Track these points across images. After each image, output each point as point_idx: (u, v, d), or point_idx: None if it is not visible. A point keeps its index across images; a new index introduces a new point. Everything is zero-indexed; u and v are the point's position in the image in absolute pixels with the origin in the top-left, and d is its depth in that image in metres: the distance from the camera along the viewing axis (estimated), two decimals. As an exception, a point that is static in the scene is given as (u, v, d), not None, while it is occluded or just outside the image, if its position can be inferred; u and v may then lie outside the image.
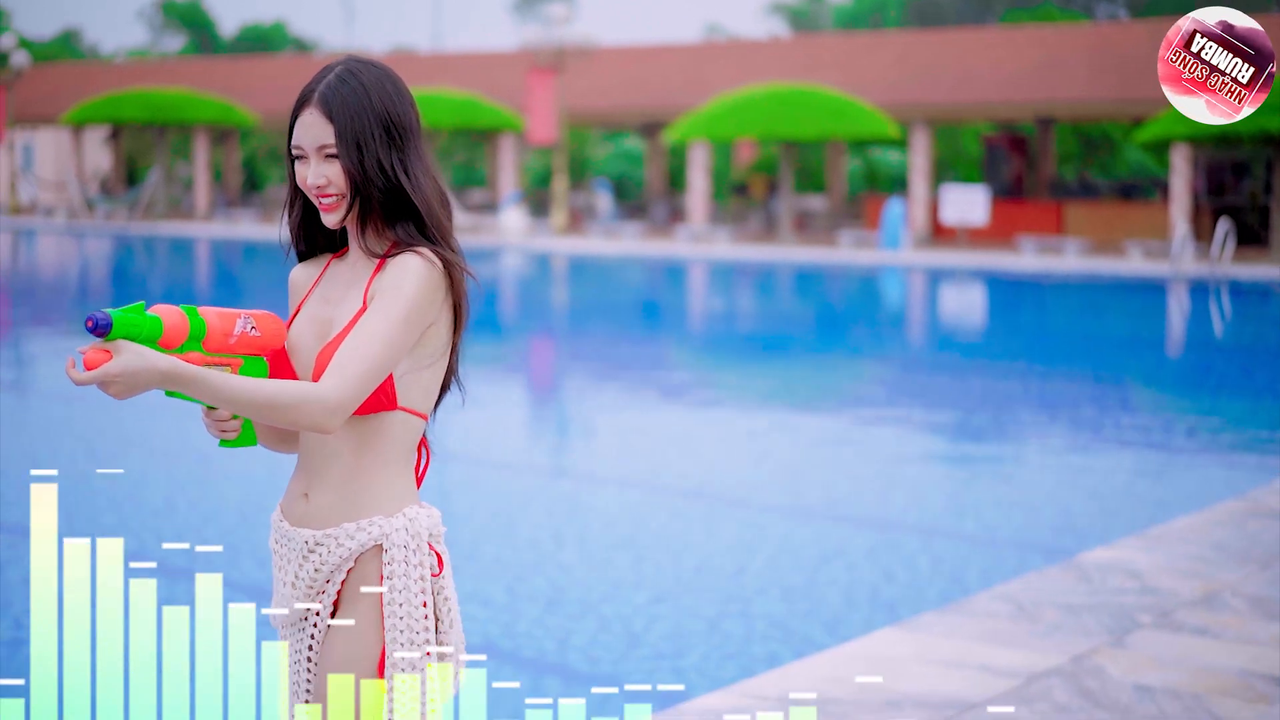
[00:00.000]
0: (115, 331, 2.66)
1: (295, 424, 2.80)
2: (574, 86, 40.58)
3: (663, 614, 7.39)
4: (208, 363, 2.86)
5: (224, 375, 2.75)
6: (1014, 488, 10.63)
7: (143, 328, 2.71)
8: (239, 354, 2.91)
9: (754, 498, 10.10)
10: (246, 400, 2.75)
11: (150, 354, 2.68)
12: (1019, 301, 26.55)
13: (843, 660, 5.68)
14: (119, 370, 2.65)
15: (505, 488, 10.51)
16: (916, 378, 16.87)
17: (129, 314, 2.70)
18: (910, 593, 7.80)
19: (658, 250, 34.20)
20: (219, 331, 2.86)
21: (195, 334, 2.82)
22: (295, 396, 2.78)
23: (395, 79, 3.01)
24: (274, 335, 2.97)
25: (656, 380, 16.42)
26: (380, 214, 2.98)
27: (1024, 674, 5.55)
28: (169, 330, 2.76)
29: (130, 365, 2.66)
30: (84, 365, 2.66)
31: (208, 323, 2.84)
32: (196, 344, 2.83)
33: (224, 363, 2.89)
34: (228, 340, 2.87)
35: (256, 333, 2.92)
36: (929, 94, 37.27)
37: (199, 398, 2.74)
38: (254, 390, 2.76)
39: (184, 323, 2.79)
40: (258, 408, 2.76)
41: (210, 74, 51.60)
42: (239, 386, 2.75)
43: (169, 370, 2.69)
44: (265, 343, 2.95)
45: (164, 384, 2.70)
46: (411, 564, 2.95)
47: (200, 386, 2.72)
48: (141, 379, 2.66)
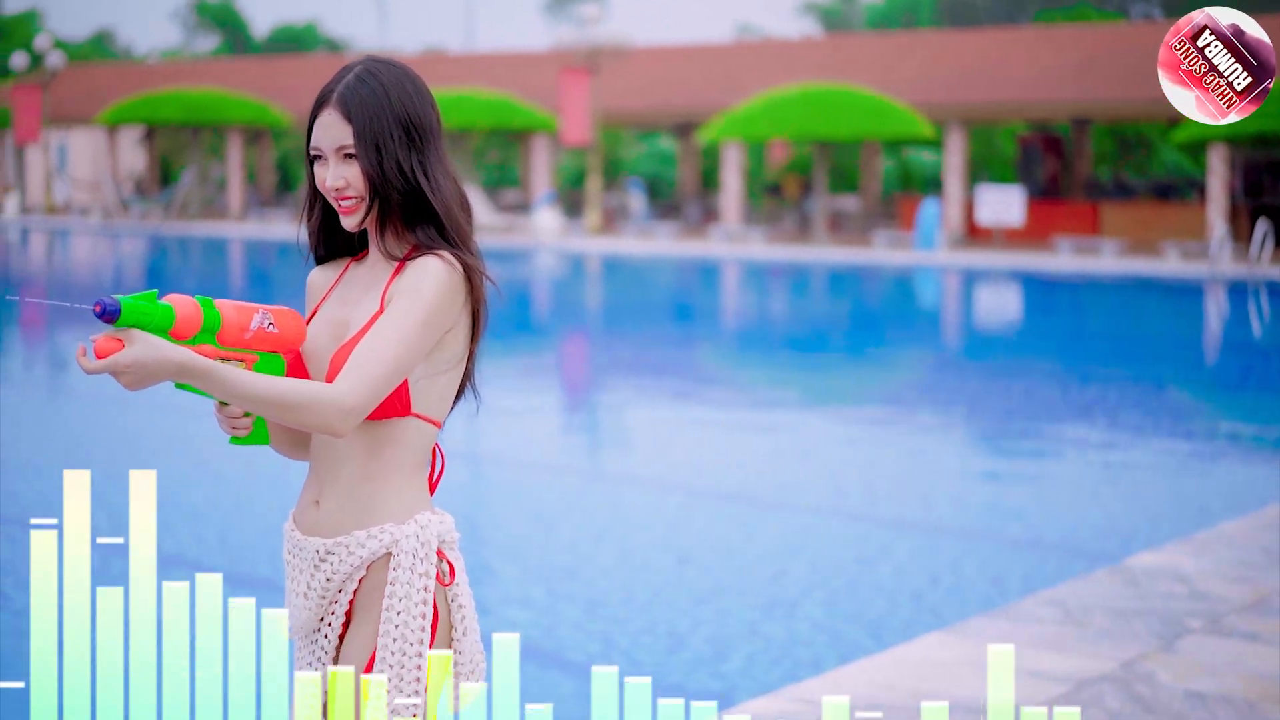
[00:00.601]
0: (124, 319, 2.59)
1: (307, 425, 2.74)
2: (607, 87, 40.55)
3: (705, 617, 7.35)
4: (220, 357, 2.77)
5: (237, 371, 2.69)
6: (1056, 491, 10.55)
7: (154, 316, 2.63)
8: (254, 350, 2.83)
9: (795, 500, 10.05)
10: (259, 398, 2.69)
11: (164, 345, 2.62)
12: (1056, 302, 26.43)
13: (891, 665, 5.64)
14: (130, 360, 2.59)
15: (545, 490, 10.48)
16: (954, 379, 16.79)
17: (140, 301, 2.62)
18: (953, 596, 7.75)
19: (691, 250, 34.15)
20: (234, 325, 2.77)
21: (209, 326, 2.73)
22: (308, 397, 2.72)
23: (415, 79, 2.95)
24: (293, 333, 2.88)
25: (694, 382, 16.38)
26: (400, 216, 2.92)
27: (1074, 679, 5.50)
28: (181, 321, 2.68)
29: (142, 356, 2.60)
30: (94, 353, 2.60)
31: (223, 315, 2.76)
32: (210, 337, 2.74)
33: (238, 358, 2.80)
34: (243, 335, 2.79)
35: (274, 329, 2.84)
36: (964, 94, 37.15)
37: (211, 392, 2.68)
38: (267, 388, 2.70)
39: (197, 314, 2.71)
40: (270, 406, 2.71)
41: (243, 74, 51.74)
42: (252, 383, 2.69)
43: (182, 363, 2.63)
44: (283, 340, 2.86)
45: (177, 376, 2.64)
46: (417, 571, 2.89)
47: (213, 381, 2.66)
48: (154, 370, 2.60)
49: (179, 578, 7.60)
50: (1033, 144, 40.00)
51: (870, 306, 26.32)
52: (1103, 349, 19.37)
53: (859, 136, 35.72)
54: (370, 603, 2.92)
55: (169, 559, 8.20)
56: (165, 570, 7.90)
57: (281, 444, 3.09)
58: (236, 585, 7.84)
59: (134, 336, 2.60)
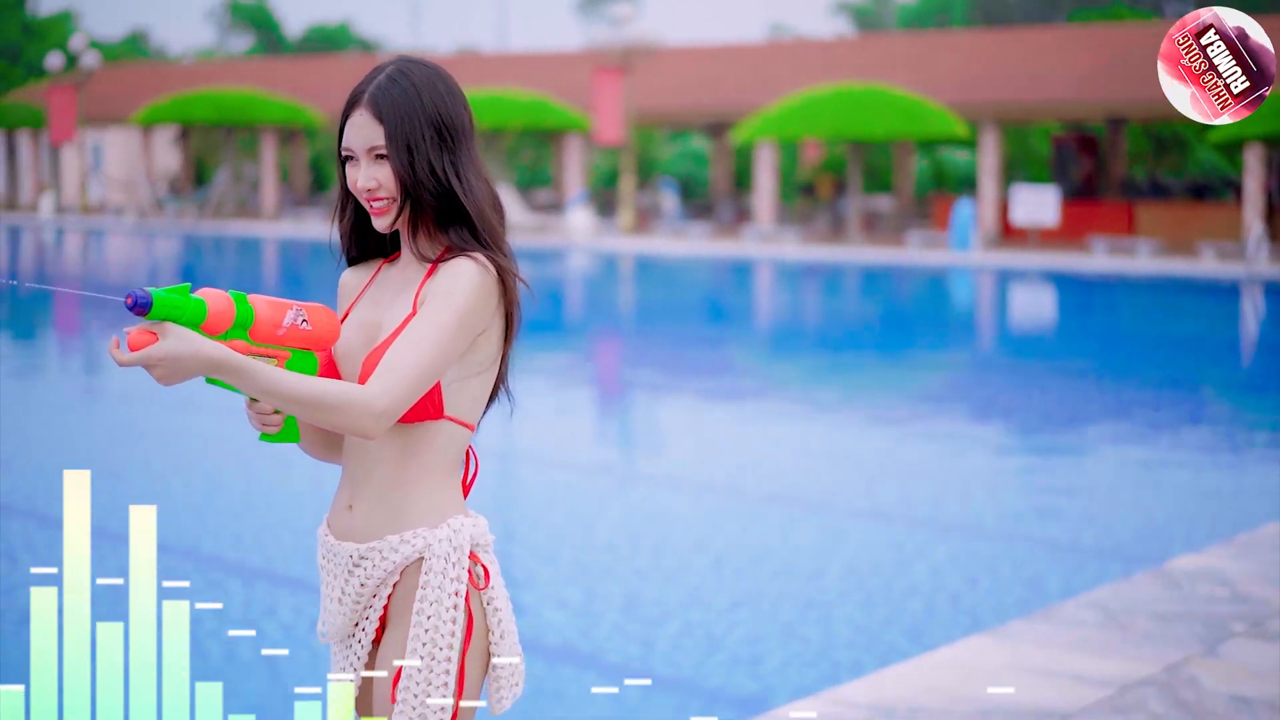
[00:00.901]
0: (155, 311, 2.56)
1: (338, 426, 2.72)
2: (640, 86, 40.53)
3: (742, 619, 7.31)
4: (252, 353, 2.74)
5: (271, 369, 2.66)
6: (1093, 492, 10.49)
7: (185, 310, 2.60)
8: (287, 347, 2.80)
9: (832, 502, 10.01)
10: (291, 396, 2.67)
11: (198, 340, 2.59)
12: (1091, 303, 26.31)
13: (933, 668, 5.59)
14: (163, 354, 2.57)
15: (581, 490, 10.46)
16: (990, 380, 16.72)
17: (172, 294, 2.59)
18: (991, 598, 7.70)
19: (725, 250, 34.10)
20: (267, 321, 2.74)
21: (241, 321, 2.71)
22: (341, 397, 2.70)
23: (447, 79, 2.92)
24: (326, 330, 2.84)
25: (729, 382, 16.34)
26: (432, 217, 2.90)
27: (1117, 684, 5.45)
28: (213, 314, 2.65)
29: (175, 350, 2.58)
30: (128, 346, 2.57)
31: (256, 311, 2.73)
32: (242, 332, 2.72)
33: (271, 354, 2.77)
34: (276, 331, 2.76)
35: (307, 326, 2.80)
36: (998, 93, 37.02)
37: (243, 390, 2.66)
38: (299, 387, 2.67)
39: (230, 308, 2.68)
40: (302, 405, 2.68)
41: (277, 74, 51.86)
42: (285, 382, 2.66)
43: (216, 359, 2.60)
44: (316, 337, 2.83)
45: (210, 372, 2.62)
46: (449, 577, 2.87)
47: (246, 378, 2.64)
48: (187, 365, 2.58)
49: (216, 578, 7.60)
50: (1067, 144, 39.84)
51: (905, 307, 26.24)
52: (1138, 349, 19.27)
53: (893, 136, 35.63)
54: (404, 608, 2.90)
55: (207, 560, 8.23)
56: (203, 570, 7.91)
57: (313, 445, 3.07)
58: (275, 585, 7.85)
59: (168, 330, 2.58)
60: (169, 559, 8.14)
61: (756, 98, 39.52)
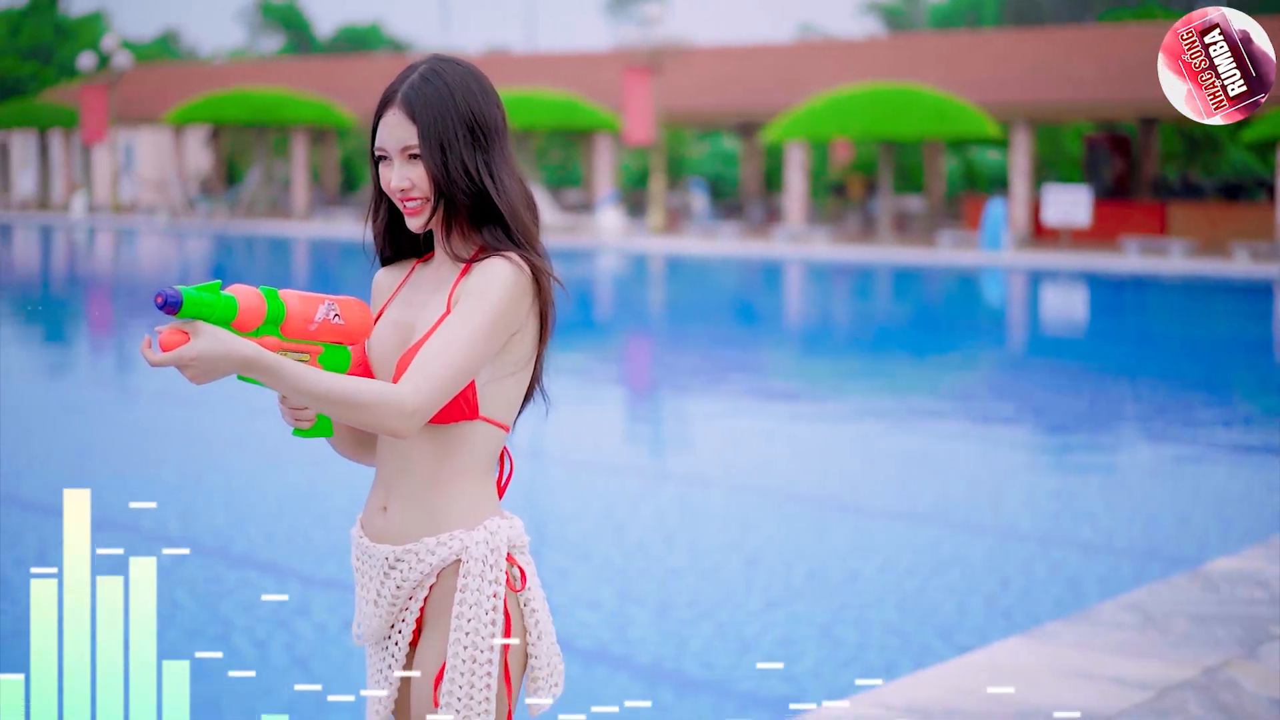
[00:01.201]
0: (186, 310, 2.54)
1: (371, 425, 2.70)
2: (670, 86, 40.49)
3: (775, 620, 7.29)
4: (284, 349, 2.72)
5: (303, 367, 2.64)
6: (1128, 494, 10.43)
7: (216, 308, 2.58)
8: (320, 341, 2.78)
9: (865, 502, 9.97)
10: (324, 395, 2.65)
11: (231, 339, 2.57)
12: (1124, 303, 26.20)
13: (970, 670, 5.56)
14: (195, 354, 2.55)
15: (613, 490, 10.44)
16: (1022, 380, 16.65)
17: (202, 292, 2.57)
18: (1026, 600, 7.66)
19: (755, 250, 34.05)
20: (299, 316, 2.72)
21: (273, 317, 2.69)
22: (374, 396, 2.68)
23: (481, 78, 2.90)
24: (359, 324, 2.82)
25: (761, 382, 16.31)
26: (466, 217, 2.88)
27: (1157, 686, 5.40)
28: (244, 312, 2.63)
29: (208, 349, 2.56)
30: (159, 346, 2.55)
31: (287, 306, 2.71)
32: (274, 328, 2.70)
33: (303, 350, 2.75)
34: (308, 326, 2.74)
35: (340, 320, 2.78)
36: (1030, 93, 36.90)
37: (276, 389, 2.64)
38: (332, 386, 2.65)
39: (261, 305, 2.66)
40: (334, 404, 2.66)
41: (308, 74, 51.96)
42: (317, 380, 2.64)
43: (249, 357, 2.58)
44: (349, 331, 2.81)
45: (242, 371, 2.60)
46: (487, 579, 2.85)
47: (279, 377, 2.62)
48: (220, 364, 2.56)
49: (250, 577, 7.60)
50: (1099, 143, 39.68)
51: (936, 307, 26.17)
52: (1172, 350, 19.18)
53: (924, 136, 35.52)
54: (441, 610, 2.88)
55: (239, 559, 8.23)
56: (237, 570, 7.91)
57: (345, 444, 3.05)
58: (307, 585, 7.83)
59: (200, 329, 2.56)
60: (201, 558, 8.15)
61: (786, 98, 39.45)
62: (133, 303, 23.75)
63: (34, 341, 19.52)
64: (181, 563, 8.11)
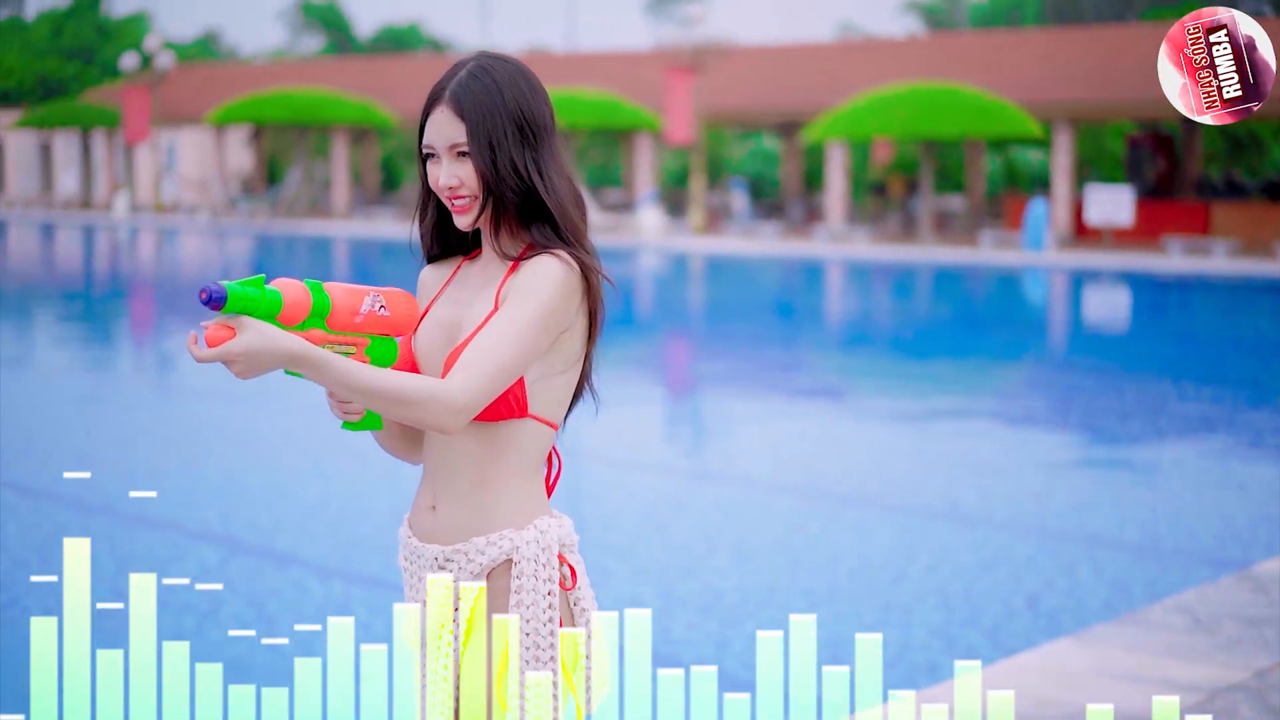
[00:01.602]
0: (230, 305, 2.52)
1: (417, 421, 2.68)
2: (710, 86, 40.45)
3: (820, 620, 7.23)
4: (331, 341, 2.71)
5: (350, 362, 2.62)
6: (1174, 495, 10.36)
7: (261, 302, 2.57)
8: (366, 334, 2.76)
9: (908, 502, 9.92)
10: (371, 390, 2.62)
11: (277, 334, 2.55)
12: (1167, 303, 26.06)
13: (1018, 671, 5.52)
14: (241, 349, 2.53)
15: (656, 489, 10.42)
16: (1066, 381, 16.56)
17: (247, 287, 2.55)
18: (1072, 602, 7.60)
19: (795, 250, 33.99)
20: (345, 309, 2.71)
21: (318, 310, 2.67)
22: (421, 392, 2.65)
23: (529, 75, 2.88)
24: (405, 316, 2.81)
25: (803, 382, 16.27)
26: (514, 215, 2.86)
27: (1207, 689, 5.36)
28: (289, 306, 2.62)
29: (254, 344, 2.54)
30: (205, 342, 2.54)
31: (333, 299, 2.69)
32: (319, 321, 2.68)
33: (349, 342, 2.74)
34: (354, 319, 2.72)
35: (386, 312, 2.77)
36: (1071, 92, 36.74)
37: (322, 384, 2.62)
38: (379, 381, 2.63)
39: (306, 298, 2.64)
40: (380, 399, 2.64)
41: (348, 74, 52.09)
42: (365, 376, 2.62)
43: (295, 352, 2.56)
44: (395, 323, 2.79)
45: (288, 365, 2.57)
46: (540, 578, 2.84)
47: (326, 372, 2.60)
48: (265, 360, 2.54)
49: (292, 575, 7.59)
50: (1142, 143, 39.50)
51: (978, 307, 26.08)
52: (1216, 350, 19.06)
53: (966, 135, 35.40)
54: (492, 610, 2.86)
55: (283, 557, 8.24)
56: (281, 568, 7.90)
57: (393, 440, 3.03)
58: (349, 583, 7.82)
59: (245, 324, 2.54)
60: (245, 557, 8.16)
61: (827, 97, 39.37)
62: (175, 302, 23.83)
63: (77, 339, 19.62)
64: (226, 560, 8.12)
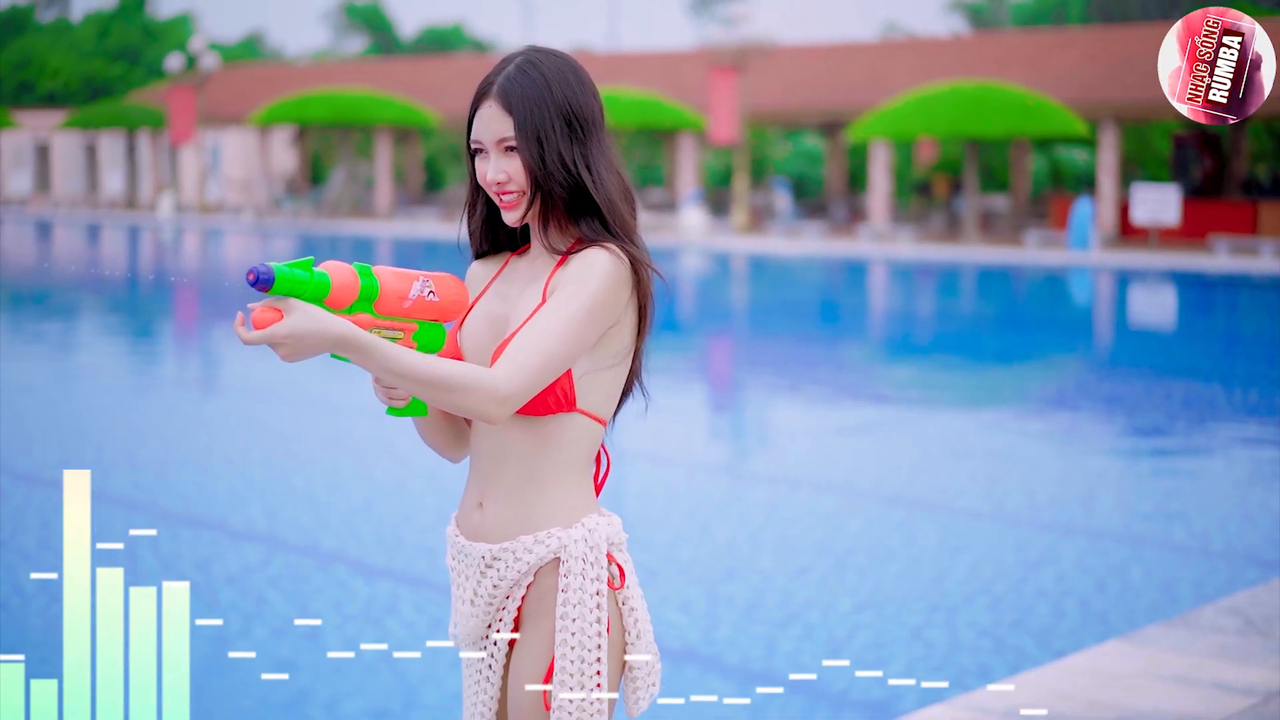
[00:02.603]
0: (277, 287, 2.50)
1: (461, 408, 2.65)
2: (754, 85, 40.39)
3: (865, 621, 7.20)
4: (378, 326, 2.69)
5: (397, 348, 2.59)
6: (1223, 496, 10.26)
7: (309, 285, 2.55)
8: (414, 319, 2.74)
9: (955, 503, 9.86)
10: (417, 376, 2.60)
11: (324, 317, 2.53)
12: (1214, 303, 25.88)
13: (1069, 674, 5.46)
14: (288, 332, 2.51)
15: (701, 490, 10.38)
16: (1112, 381, 16.45)
17: (295, 269, 2.53)
18: (1121, 604, 7.53)
19: (839, 250, 33.89)
20: (393, 294, 2.69)
21: (366, 294, 2.65)
22: (467, 380, 2.63)
23: (578, 69, 2.86)
24: (454, 301, 2.79)
25: (847, 381, 16.20)
26: (563, 210, 2.83)
27: (1260, 692, 5.29)
28: (337, 289, 2.60)
29: (300, 327, 2.52)
30: (252, 324, 2.52)
31: (381, 283, 2.67)
32: (367, 305, 2.66)
33: (397, 327, 2.72)
34: (402, 304, 2.71)
35: (434, 297, 2.75)
36: (1117, 91, 36.53)
37: (367, 368, 2.60)
38: (425, 367, 2.60)
39: (354, 281, 2.63)
40: (427, 386, 2.61)
41: (391, 75, 52.20)
42: (410, 362, 2.60)
43: (342, 336, 2.54)
44: (444, 309, 2.78)
45: (334, 349, 2.56)
46: (588, 577, 2.81)
47: (372, 357, 2.58)
48: (312, 343, 2.52)
49: (336, 574, 7.58)
50: (1188, 142, 39.23)
51: (1024, 307, 25.94)
52: (1263, 350, 18.90)
53: (1011, 134, 35.23)
54: (540, 609, 2.84)
55: (328, 556, 8.23)
56: (324, 567, 7.89)
57: (437, 435, 2.99)
58: (395, 582, 7.81)
59: (293, 306, 2.53)
60: (286, 555, 8.16)
61: (871, 96, 39.26)
62: (218, 301, 23.91)
63: (117, 337, 19.70)
64: (268, 560, 8.13)
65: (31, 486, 9.79)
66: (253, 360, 14.97)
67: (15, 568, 7.84)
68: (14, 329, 19.88)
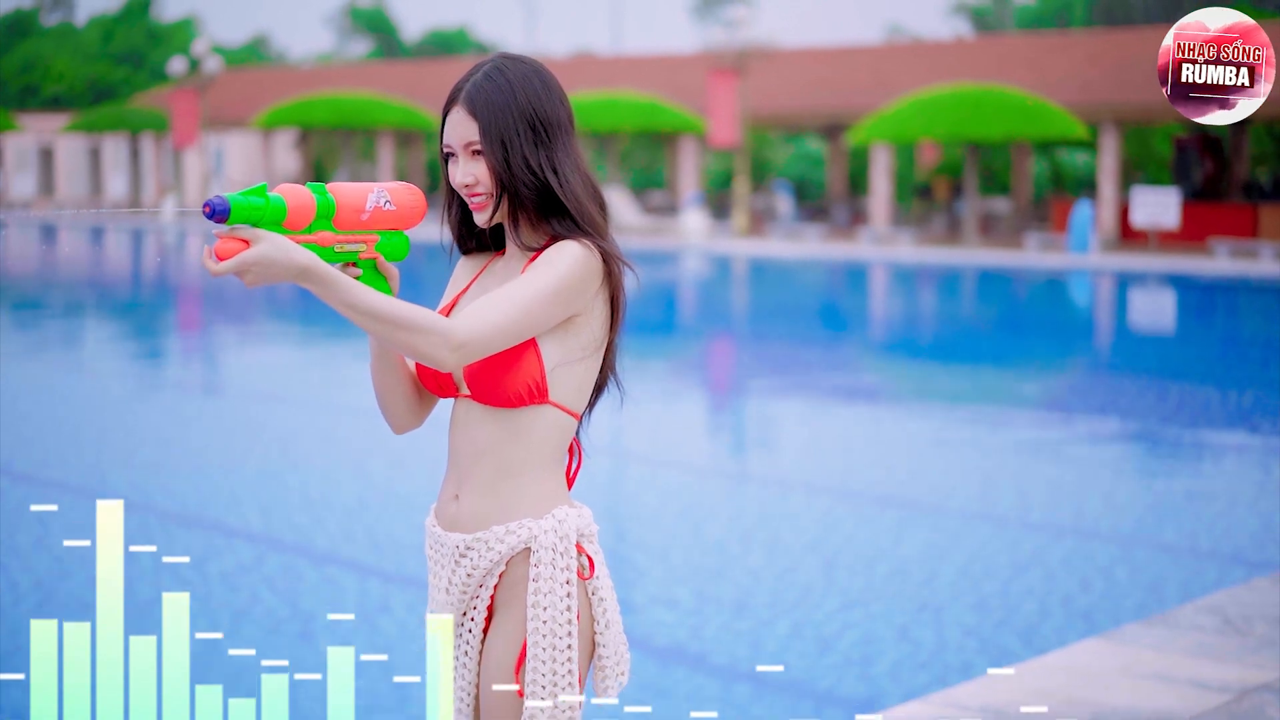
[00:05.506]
0: (234, 216, 2.56)
1: (417, 351, 2.71)
2: (755, 88, 40.46)
3: (853, 620, 7.27)
4: (340, 241, 2.75)
5: (357, 285, 2.66)
6: (1211, 497, 10.33)
7: (265, 210, 2.61)
8: (374, 230, 2.81)
9: (944, 503, 9.92)
10: (375, 313, 2.67)
11: (291, 247, 2.60)
12: (1213, 306, 25.92)
13: (1046, 671, 5.53)
14: (256, 258, 2.58)
15: (691, 490, 10.44)
16: (1108, 383, 16.51)
17: (250, 196, 2.59)
18: (1107, 603, 7.60)
19: (840, 253, 33.94)
20: (350, 208, 2.75)
21: (323, 212, 2.71)
22: (424, 323, 2.70)
23: (544, 75, 2.95)
24: (411, 208, 2.86)
25: (842, 384, 16.26)
26: (533, 210, 2.92)
27: (1235, 689, 5.36)
28: (294, 210, 2.66)
29: (267, 254, 2.59)
30: (216, 256, 2.58)
31: (337, 199, 2.74)
32: (326, 222, 2.73)
33: (359, 240, 2.78)
34: (359, 216, 2.77)
35: (391, 207, 2.82)
36: (1118, 94, 36.58)
37: (328, 301, 2.66)
38: (384, 306, 2.67)
39: (310, 201, 2.69)
40: (384, 324, 2.68)
41: (395, 78, 52.29)
42: (371, 299, 2.66)
43: (305, 267, 2.61)
44: (402, 216, 2.85)
45: (298, 279, 2.63)
46: (558, 567, 2.89)
47: (332, 290, 2.65)
48: (278, 270, 2.59)
49: (332, 573, 7.65)
50: (1189, 145, 39.27)
51: (1022, 309, 25.99)
52: (1260, 353, 18.95)
53: (1012, 137, 35.28)
54: (511, 598, 2.92)
55: (322, 556, 8.30)
56: (319, 567, 7.96)
57: (396, 399, 3.05)
58: (386, 582, 7.88)
59: (260, 235, 2.60)
60: (283, 555, 8.22)
61: (872, 99, 39.32)
62: (222, 305, 23.98)
63: (116, 340, 19.76)
64: (261, 560, 8.19)
65: (30, 486, 9.85)
66: (253, 360, 15.02)
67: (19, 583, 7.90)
68: (14, 329, 19.96)
